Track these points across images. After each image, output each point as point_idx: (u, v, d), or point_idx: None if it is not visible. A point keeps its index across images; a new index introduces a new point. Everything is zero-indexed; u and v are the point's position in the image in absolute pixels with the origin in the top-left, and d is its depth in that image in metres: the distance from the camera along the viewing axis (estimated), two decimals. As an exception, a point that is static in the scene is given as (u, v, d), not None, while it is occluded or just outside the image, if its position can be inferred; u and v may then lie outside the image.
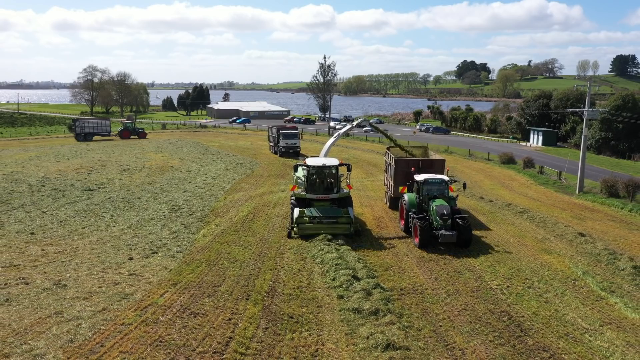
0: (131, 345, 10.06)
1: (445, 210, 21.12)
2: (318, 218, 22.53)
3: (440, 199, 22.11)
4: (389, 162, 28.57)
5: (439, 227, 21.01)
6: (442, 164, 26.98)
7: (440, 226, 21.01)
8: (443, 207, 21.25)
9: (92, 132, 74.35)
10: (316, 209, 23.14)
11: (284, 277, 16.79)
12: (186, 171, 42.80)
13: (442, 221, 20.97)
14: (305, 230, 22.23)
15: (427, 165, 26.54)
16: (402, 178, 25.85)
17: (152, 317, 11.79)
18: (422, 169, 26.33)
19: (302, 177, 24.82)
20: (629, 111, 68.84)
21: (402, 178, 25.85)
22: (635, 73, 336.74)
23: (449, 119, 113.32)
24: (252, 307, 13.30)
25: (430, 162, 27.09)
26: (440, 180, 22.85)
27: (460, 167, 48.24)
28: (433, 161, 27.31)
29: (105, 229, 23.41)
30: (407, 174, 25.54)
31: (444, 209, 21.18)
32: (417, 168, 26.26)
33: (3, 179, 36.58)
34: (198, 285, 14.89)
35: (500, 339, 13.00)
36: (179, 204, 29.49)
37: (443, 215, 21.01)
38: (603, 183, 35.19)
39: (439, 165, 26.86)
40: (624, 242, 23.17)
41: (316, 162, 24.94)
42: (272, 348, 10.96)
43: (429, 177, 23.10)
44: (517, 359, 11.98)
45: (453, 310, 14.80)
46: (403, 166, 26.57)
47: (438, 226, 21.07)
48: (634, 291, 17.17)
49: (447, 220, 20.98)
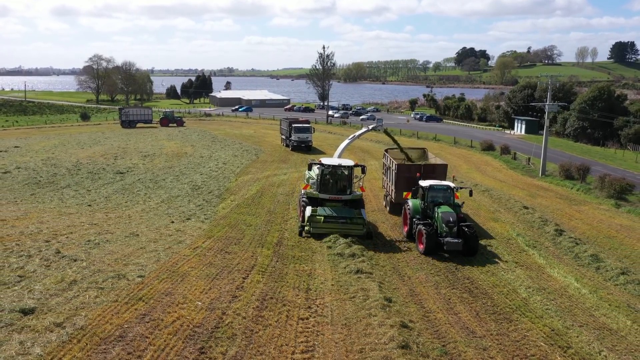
0: (194, 265, 15.80)
1: (451, 217, 20.69)
2: (331, 217, 22.34)
3: (446, 205, 21.81)
4: (389, 165, 27.90)
5: (445, 235, 20.53)
6: (444, 168, 26.68)
7: (445, 233, 20.51)
8: (449, 214, 20.83)
9: (136, 119, 79.97)
10: (329, 208, 23.02)
11: (287, 235, 22.51)
12: (199, 157, 48.38)
13: (448, 228, 20.49)
14: (318, 229, 22.14)
15: (429, 170, 25.91)
16: (403, 183, 25.57)
17: (201, 252, 17.53)
18: (424, 173, 25.70)
19: (315, 177, 24.64)
20: (604, 102, 74.25)
21: (403, 183, 25.57)
22: (634, 60, 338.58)
23: (442, 107, 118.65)
24: (266, 251, 19.07)
25: (432, 167, 26.61)
26: (445, 186, 22.52)
27: (444, 154, 53.72)
28: (435, 166, 26.84)
29: (143, 202, 29.11)
30: (409, 179, 25.23)
31: (449, 215, 20.76)
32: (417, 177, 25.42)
33: (43, 164, 42.18)
34: (226, 238, 20.63)
35: (438, 273, 18.78)
36: (198, 184, 35.12)
37: (449, 222, 20.56)
38: (560, 167, 40.91)
39: (441, 170, 26.45)
40: (559, 213, 28.96)
41: (331, 161, 24.70)
42: (281, 270, 16.70)
43: (434, 183, 22.76)
44: (446, 284, 17.75)
45: (410, 257, 20.59)
46: (405, 171, 26.04)
47: (443, 233, 20.59)
48: (550, 247, 22.96)
49: (452, 227, 20.53)
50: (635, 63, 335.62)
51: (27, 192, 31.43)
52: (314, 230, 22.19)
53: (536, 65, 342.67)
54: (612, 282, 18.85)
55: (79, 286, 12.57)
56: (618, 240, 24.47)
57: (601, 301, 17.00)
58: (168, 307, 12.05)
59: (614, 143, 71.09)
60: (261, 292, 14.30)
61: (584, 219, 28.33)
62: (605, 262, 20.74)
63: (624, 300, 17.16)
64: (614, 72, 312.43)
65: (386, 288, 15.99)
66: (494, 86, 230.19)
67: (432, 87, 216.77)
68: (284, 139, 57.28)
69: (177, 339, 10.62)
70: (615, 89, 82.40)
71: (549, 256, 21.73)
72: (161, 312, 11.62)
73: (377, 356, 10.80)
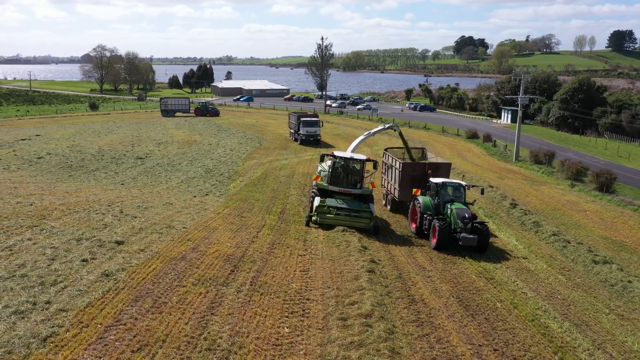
0: (219, 223, 20.95)
1: (466, 213, 21.26)
2: (339, 209, 22.63)
3: (458, 202, 22.42)
4: (392, 164, 28.05)
5: (459, 230, 21.09)
6: (447, 167, 27.23)
7: (460, 229, 21.07)
8: (464, 211, 21.42)
9: (175, 109, 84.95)
10: (338, 200, 23.33)
11: (289, 208, 27.63)
12: (208, 144, 53.39)
13: (463, 224, 21.04)
14: (325, 219, 22.53)
15: (432, 169, 26.17)
16: (408, 182, 25.83)
17: (223, 216, 22.65)
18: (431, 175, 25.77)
19: (327, 168, 24.91)
20: (583, 93, 79.21)
21: (408, 182, 25.83)
22: (632, 49, 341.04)
23: (436, 97, 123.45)
24: (273, 216, 24.20)
25: (436, 165, 26.96)
26: (458, 184, 23.09)
27: (432, 142, 58.80)
28: (439, 165, 27.20)
29: (165, 182, 34.21)
30: (413, 178, 25.70)
31: (465, 212, 21.33)
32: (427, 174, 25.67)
33: (70, 150, 47.18)
34: (240, 208, 25.74)
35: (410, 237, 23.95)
36: (210, 168, 40.19)
37: (464, 218, 21.07)
38: (530, 153, 46.07)
39: (445, 168, 26.89)
40: (519, 192, 34.14)
41: (343, 154, 25.07)
42: (285, 229, 21.81)
43: (447, 180, 23.50)
44: (413, 240, 22.90)
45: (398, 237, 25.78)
46: (409, 170, 26.30)
47: (457, 229, 21.17)
48: (504, 217, 28.15)
49: (468, 223, 21.07)
50: (633, 52, 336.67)
51: (65, 174, 36.48)
52: (320, 221, 22.52)
53: (534, 54, 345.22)
54: (544, 241, 24.06)
55: (145, 231, 17.72)
56: (561, 212, 29.70)
57: (530, 253, 22.23)
58: (208, 245, 17.20)
59: (592, 132, 76.22)
60: (271, 240, 19.46)
61: (539, 196, 33.53)
62: (544, 227, 25.95)
63: (548, 253, 22.38)
64: (611, 61, 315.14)
65: (365, 242, 21.14)
66: (491, 75, 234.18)
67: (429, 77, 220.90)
68: (292, 133, 57.20)
69: (218, 260, 15.79)
70: (595, 81, 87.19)
71: (501, 223, 26.94)
72: (204, 247, 16.77)
73: (351, 275, 15.96)
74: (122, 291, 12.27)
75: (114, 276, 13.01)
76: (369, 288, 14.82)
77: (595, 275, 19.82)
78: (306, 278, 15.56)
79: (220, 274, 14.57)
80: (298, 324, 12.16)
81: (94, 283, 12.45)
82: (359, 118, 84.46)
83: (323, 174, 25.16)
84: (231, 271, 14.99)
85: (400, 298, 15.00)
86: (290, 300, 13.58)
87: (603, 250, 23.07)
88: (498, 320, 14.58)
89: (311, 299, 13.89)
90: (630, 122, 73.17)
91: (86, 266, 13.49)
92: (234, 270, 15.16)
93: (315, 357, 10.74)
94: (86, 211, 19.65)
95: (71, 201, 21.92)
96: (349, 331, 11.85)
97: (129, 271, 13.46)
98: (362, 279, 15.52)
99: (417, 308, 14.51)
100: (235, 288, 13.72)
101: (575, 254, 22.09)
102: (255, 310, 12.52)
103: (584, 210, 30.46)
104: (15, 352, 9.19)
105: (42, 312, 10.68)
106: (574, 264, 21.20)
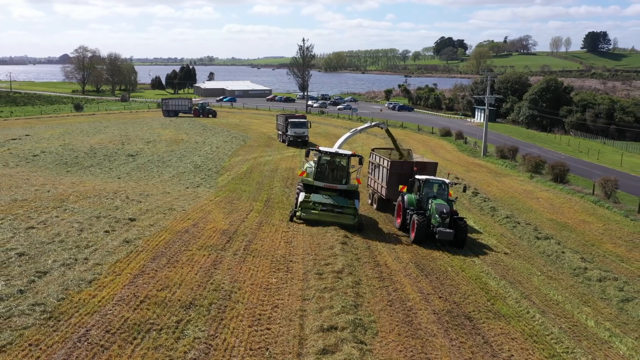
0: (213, 207, 23.93)
1: (444, 208, 21.79)
2: (323, 205, 22.58)
3: (440, 199, 23.02)
4: (379, 163, 28.51)
5: (438, 225, 21.60)
6: (434, 166, 28.00)
7: (438, 224, 21.59)
8: (442, 206, 21.96)
9: (177, 109, 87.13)
10: (323, 195, 23.26)
11: (273, 197, 30.61)
12: (194, 143, 56.06)
13: (441, 219, 21.55)
14: (310, 215, 22.55)
15: (420, 168, 26.76)
16: (396, 180, 26.16)
17: (215, 202, 25.65)
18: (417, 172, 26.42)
19: (313, 164, 25.08)
20: (551, 93, 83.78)
21: (396, 180, 26.16)
22: (606, 49, 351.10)
23: (415, 97, 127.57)
24: (259, 203, 27.18)
25: (423, 164, 27.54)
26: (441, 181, 23.76)
27: (407, 139, 62.29)
28: (426, 164, 27.89)
29: (158, 177, 36.92)
30: (401, 176, 26.02)
31: (443, 207, 21.88)
32: (414, 172, 26.24)
33: (62, 149, 49.45)
34: (229, 197, 28.66)
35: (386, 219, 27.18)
36: (198, 164, 42.97)
37: (442, 213, 21.61)
38: (497, 149, 49.85)
39: (431, 167, 27.62)
40: (481, 182, 37.71)
41: (329, 149, 25.06)
42: (270, 212, 24.82)
43: (430, 177, 24.17)
44: (387, 224, 26.14)
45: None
46: (397, 168, 26.74)
47: (436, 224, 21.66)
48: (466, 203, 31.59)
49: (446, 218, 21.57)
50: (607, 52, 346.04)
51: (62, 170, 38.94)
52: (305, 216, 22.52)
53: (512, 55, 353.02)
54: (498, 223, 27.55)
55: (151, 212, 20.63)
56: (517, 199, 33.31)
57: (485, 232, 25.65)
58: (206, 222, 20.20)
59: (559, 130, 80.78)
60: (259, 220, 22.48)
61: (499, 186, 37.16)
62: (499, 211, 29.46)
63: (500, 232, 25.84)
64: (586, 62, 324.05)
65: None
66: (470, 76, 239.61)
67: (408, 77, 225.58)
68: (280, 134, 57.49)
69: (216, 233, 18.81)
70: (562, 81, 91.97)
71: (462, 209, 30.33)
72: (202, 224, 19.77)
73: (327, 246, 19.08)
74: (141, 253, 15.24)
75: (133, 242, 15.97)
76: (341, 255, 18.00)
77: (536, 248, 23.31)
78: (289, 247, 18.67)
79: (218, 243, 17.63)
80: (283, 277, 15.29)
81: (118, 247, 15.40)
82: (339, 117, 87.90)
83: (309, 169, 25.22)
84: (227, 241, 18.04)
85: (367, 262, 18.21)
86: (276, 261, 16.70)
87: (547, 229, 26.61)
88: (447, 279, 17.88)
89: (294, 260, 17.03)
90: (593, 120, 77.89)
91: (109, 235, 16.43)
92: (229, 240, 18.21)
93: (297, 297, 13.86)
94: (97, 197, 22.48)
95: (81, 190, 24.67)
96: (323, 281, 15.00)
97: (144, 239, 16.45)
98: (336, 248, 18.69)
99: (380, 269, 17.74)
100: (232, 252, 16.79)
101: (522, 232, 25.60)
102: (249, 267, 15.62)
103: (537, 197, 34.13)
104: (71, 290, 12.14)
105: (84, 265, 13.63)
106: (520, 240, 24.69)
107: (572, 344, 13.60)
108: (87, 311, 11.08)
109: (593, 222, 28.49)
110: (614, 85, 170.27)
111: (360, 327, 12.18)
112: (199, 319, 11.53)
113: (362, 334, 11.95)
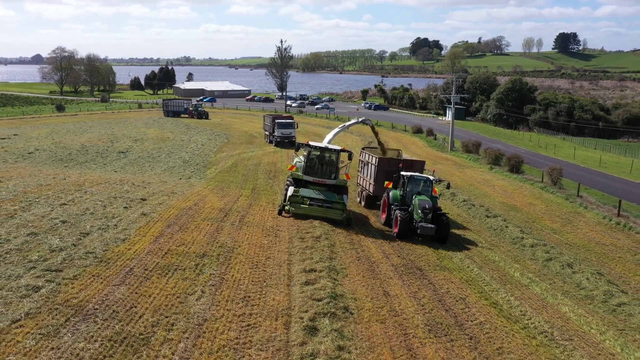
0: (207, 193, 27.47)
1: (427, 204, 22.14)
2: (312, 199, 22.80)
3: (424, 195, 23.38)
4: (368, 161, 29.09)
5: (420, 220, 21.97)
6: (421, 164, 28.30)
7: (420, 219, 21.96)
8: (425, 202, 22.33)
9: (177, 110, 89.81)
10: (312, 190, 23.46)
11: (259, 186, 34.23)
12: (180, 140, 59.19)
13: (423, 214, 21.90)
14: (298, 209, 22.82)
15: (407, 166, 27.01)
16: (383, 176, 26.55)
17: (208, 189, 29.21)
18: (402, 168, 26.57)
19: (302, 158, 25.41)
20: (516, 93, 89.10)
21: (383, 176, 26.55)
22: (576, 50, 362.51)
23: (390, 97, 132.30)
24: (247, 191, 30.81)
25: (411, 162, 28.05)
26: (425, 178, 24.13)
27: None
28: (413, 162, 28.40)
29: (151, 170, 40.10)
30: (389, 173, 26.38)
31: (425, 203, 22.25)
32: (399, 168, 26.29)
33: (55, 147, 52.11)
34: (220, 186, 32.17)
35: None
36: (186, 159, 46.24)
37: (425, 208, 21.97)
38: (462, 144, 54.35)
39: (419, 166, 27.91)
40: (446, 174, 41.90)
41: (318, 144, 25.42)
42: (258, 198, 28.49)
43: (415, 174, 24.50)
44: (371, 215, 29.99)
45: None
46: (385, 165, 27.21)
47: (419, 219, 22.05)
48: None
49: (428, 213, 21.95)
50: (577, 53, 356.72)
51: (60, 165, 41.78)
52: (294, 210, 22.81)
53: (486, 55, 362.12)
54: (456, 206, 31.68)
55: (155, 195, 24.11)
56: (475, 187, 37.59)
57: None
58: (204, 203, 23.78)
59: (523, 127, 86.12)
60: (248, 202, 26.15)
61: (461, 176, 41.45)
62: (458, 196, 33.62)
63: (456, 212, 29.94)
64: (557, 62, 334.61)
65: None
66: (445, 76, 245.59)
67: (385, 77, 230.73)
68: (267, 135, 58.26)
69: (214, 210, 22.46)
70: (527, 81, 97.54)
71: (426, 195, 34.41)
72: (202, 204, 23.35)
73: (307, 221, 22.91)
74: (157, 222, 18.79)
75: (149, 215, 19.50)
76: (320, 226, 21.75)
77: (485, 224, 27.47)
78: (277, 221, 22.37)
79: (218, 216, 21.29)
80: (273, 240, 19.02)
81: (138, 218, 18.92)
82: (317, 117, 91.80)
83: (298, 164, 25.57)
84: (225, 215, 21.72)
85: (340, 232, 22.02)
86: (266, 229, 20.42)
87: (497, 210, 30.85)
88: (406, 244, 21.78)
89: (280, 229, 20.76)
90: (555, 118, 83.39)
91: (128, 210, 19.92)
92: (227, 215, 21.88)
93: (284, 252, 17.62)
94: (107, 183, 25.83)
95: (90, 179, 27.94)
96: (305, 243, 18.78)
97: (157, 213, 19.99)
98: (315, 222, 22.46)
99: (352, 237, 21.58)
100: (230, 223, 20.46)
101: (475, 213, 29.76)
102: (245, 233, 19.31)
103: (493, 185, 38.50)
104: (110, 245, 15.70)
105: (115, 229, 17.16)
106: (473, 218, 28.83)
107: (498, 286, 17.63)
108: (127, 257, 14.70)
109: (538, 204, 32.89)
110: (581, 84, 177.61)
111: (333, 271, 16.00)
112: (212, 263, 15.21)
113: (335, 274, 15.77)
